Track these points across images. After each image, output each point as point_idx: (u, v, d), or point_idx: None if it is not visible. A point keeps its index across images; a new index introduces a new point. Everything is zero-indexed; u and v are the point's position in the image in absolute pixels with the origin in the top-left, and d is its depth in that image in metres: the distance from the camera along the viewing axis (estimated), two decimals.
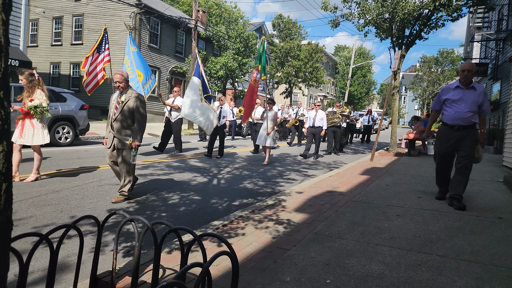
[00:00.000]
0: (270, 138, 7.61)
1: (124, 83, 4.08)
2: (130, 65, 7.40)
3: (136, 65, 7.39)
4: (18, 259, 1.50)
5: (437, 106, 4.20)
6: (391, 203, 4.10)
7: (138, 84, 7.26)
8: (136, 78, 7.30)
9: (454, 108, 3.93)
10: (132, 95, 4.09)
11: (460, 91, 3.93)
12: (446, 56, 38.71)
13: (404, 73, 50.88)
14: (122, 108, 4.06)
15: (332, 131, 10.30)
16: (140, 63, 7.48)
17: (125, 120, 4.09)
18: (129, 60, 7.45)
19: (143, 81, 7.37)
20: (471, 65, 3.93)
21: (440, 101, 4.13)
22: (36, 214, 3.54)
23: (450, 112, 3.96)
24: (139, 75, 7.37)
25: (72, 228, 1.81)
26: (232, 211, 3.89)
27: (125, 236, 3.09)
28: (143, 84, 7.33)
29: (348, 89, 33.69)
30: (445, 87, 4.13)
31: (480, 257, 2.55)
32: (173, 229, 1.80)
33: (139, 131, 4.10)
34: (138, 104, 4.07)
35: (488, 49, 15.02)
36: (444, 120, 4.06)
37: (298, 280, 2.15)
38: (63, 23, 20.56)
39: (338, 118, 10.19)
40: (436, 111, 4.26)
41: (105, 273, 2.06)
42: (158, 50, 20.41)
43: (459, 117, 3.88)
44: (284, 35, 29.22)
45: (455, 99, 3.92)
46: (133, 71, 7.34)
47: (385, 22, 9.81)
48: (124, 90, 4.11)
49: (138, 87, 7.20)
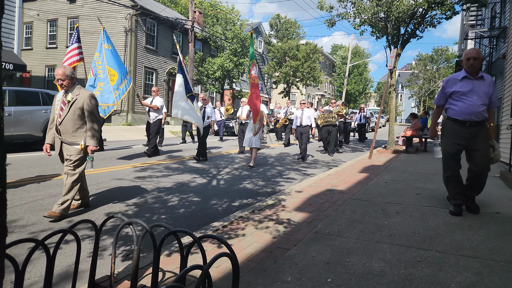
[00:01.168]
0: (257, 138, 7.28)
1: (67, 80, 3.58)
2: (101, 63, 6.85)
3: (107, 63, 6.81)
4: (13, 266, 1.48)
5: (441, 100, 3.65)
6: (390, 200, 4.10)
7: (108, 85, 6.73)
8: (106, 78, 6.75)
9: (465, 102, 3.39)
10: (81, 93, 3.64)
11: (469, 82, 3.41)
12: (441, 54, 38.94)
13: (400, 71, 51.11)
14: (69, 108, 3.60)
15: (327, 131, 9.93)
16: (114, 61, 6.90)
17: (73, 122, 3.62)
18: (100, 57, 6.88)
19: (118, 81, 6.82)
20: (477, 51, 3.39)
21: (444, 95, 3.58)
22: (32, 219, 3.51)
23: (461, 106, 3.41)
24: (113, 74, 6.80)
25: (69, 233, 1.79)
26: (232, 212, 3.88)
27: (123, 239, 3.07)
28: (117, 85, 6.80)
29: (346, 88, 33.77)
30: (449, 77, 3.57)
31: (479, 252, 2.56)
32: (172, 232, 1.78)
33: (93, 133, 3.65)
34: (89, 103, 3.62)
35: (482, 46, 15.10)
36: (452, 116, 3.51)
37: (299, 280, 2.14)
38: (58, 26, 20.45)
39: (333, 117, 9.84)
40: (441, 106, 3.71)
41: (103, 278, 2.04)
42: (155, 52, 20.36)
43: (472, 111, 3.36)
44: (282, 35, 29.24)
45: (465, 91, 3.39)
46: (103, 70, 6.80)
47: (381, 21, 9.84)
48: (69, 88, 3.63)
49: (109, 92, 6.71)
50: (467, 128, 3.42)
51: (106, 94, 6.71)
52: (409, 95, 48.09)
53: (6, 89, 7.91)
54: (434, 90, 39.71)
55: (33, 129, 8.22)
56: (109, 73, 6.79)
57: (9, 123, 7.61)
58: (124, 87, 6.92)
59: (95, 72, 6.91)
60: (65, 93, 3.65)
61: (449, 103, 3.56)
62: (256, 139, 7.25)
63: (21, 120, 7.95)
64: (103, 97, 6.69)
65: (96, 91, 6.66)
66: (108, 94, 6.72)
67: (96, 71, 6.89)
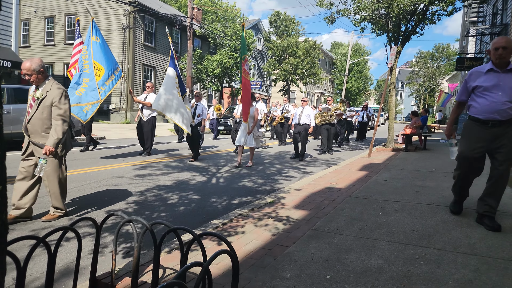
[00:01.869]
0: (251, 137, 6.93)
1: (34, 75, 3.27)
2: (87, 57, 6.38)
3: (94, 57, 6.33)
4: (15, 263, 1.49)
5: (463, 95, 3.23)
6: (389, 198, 4.12)
7: (93, 81, 6.25)
8: (92, 74, 6.28)
9: (488, 98, 2.98)
10: (52, 89, 3.33)
11: (494, 76, 2.96)
12: (442, 51, 38.89)
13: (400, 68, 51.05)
14: (38, 105, 3.30)
15: (326, 129, 9.69)
16: (102, 55, 6.42)
17: (41, 122, 3.31)
18: (87, 51, 6.41)
19: (104, 76, 6.32)
20: (507, 40, 2.92)
21: (467, 90, 3.17)
22: (33, 216, 3.52)
23: (483, 103, 3.01)
24: (99, 69, 6.32)
25: (70, 231, 1.80)
26: (231, 210, 3.89)
27: (124, 237, 3.09)
28: (103, 80, 6.31)
29: (345, 86, 33.76)
30: (473, 70, 3.14)
31: (477, 249, 2.58)
32: (172, 229, 1.80)
33: (55, 133, 3.27)
34: (58, 99, 3.31)
35: (483, 44, 15.10)
36: (473, 114, 3.12)
37: (298, 277, 2.16)
38: (56, 23, 20.38)
39: (332, 116, 9.57)
40: (462, 102, 3.28)
41: (104, 275, 2.05)
42: (153, 49, 20.31)
43: (495, 109, 2.95)
44: (281, 32, 29.18)
45: (489, 85, 2.97)
46: (89, 64, 6.33)
47: (381, 18, 9.83)
48: (39, 83, 3.34)
49: (94, 89, 6.24)
50: (490, 128, 3.00)
51: (90, 91, 6.26)
52: (409, 93, 48.08)
53: (5, 86, 7.90)
54: (434, 88, 39.71)
55: None
56: (95, 68, 6.34)
57: (8, 121, 7.61)
58: (111, 83, 6.43)
59: (81, 67, 6.44)
60: (35, 89, 3.37)
61: (471, 99, 3.14)
62: (250, 138, 6.95)
63: (20, 118, 7.95)
64: (88, 95, 6.25)
65: (81, 89, 6.26)
66: (93, 91, 6.27)
67: (82, 66, 6.43)
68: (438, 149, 10.13)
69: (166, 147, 9.89)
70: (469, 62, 14.99)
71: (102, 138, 11.50)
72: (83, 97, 6.19)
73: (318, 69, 27.42)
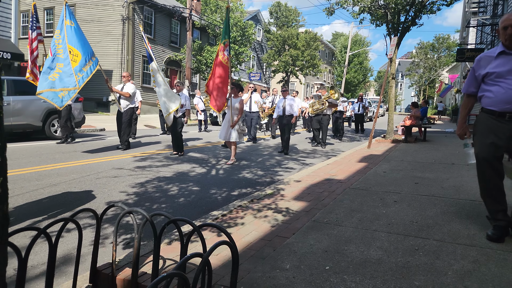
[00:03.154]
0: (234, 131, 6.27)
1: None
2: (61, 41, 5.96)
3: (69, 41, 5.92)
4: (16, 254, 1.50)
5: (471, 86, 2.71)
6: (388, 190, 4.13)
7: (69, 66, 5.83)
8: (67, 59, 5.86)
9: (503, 85, 2.51)
10: None
11: (507, 59, 2.51)
12: (442, 42, 38.61)
13: (400, 59, 50.72)
14: None
15: (317, 121, 8.99)
16: (77, 39, 5.99)
17: None
18: (60, 35, 6.00)
19: (82, 62, 5.91)
20: None
21: (475, 79, 2.68)
22: (34, 208, 3.53)
23: (498, 92, 2.53)
24: (75, 55, 5.91)
25: (71, 222, 1.81)
26: (231, 201, 3.91)
27: (124, 228, 3.10)
28: (80, 66, 5.88)
29: (345, 77, 33.59)
30: (482, 55, 2.66)
31: (476, 240, 2.59)
32: (172, 220, 1.80)
33: None
34: None
35: (484, 34, 14.97)
36: (486, 106, 2.61)
37: (297, 267, 2.18)
38: (55, 14, 20.16)
39: (323, 104, 8.79)
40: (472, 95, 2.75)
41: (105, 265, 2.06)
42: (153, 41, 20.12)
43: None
44: (281, 23, 28.90)
45: (503, 71, 2.50)
46: (64, 49, 5.92)
47: (380, 8, 9.72)
48: None
49: (70, 75, 5.82)
50: (507, 122, 2.50)
51: (66, 76, 5.84)
52: (409, 84, 47.89)
53: (5, 78, 7.86)
54: (435, 79, 39.52)
55: (32, 118, 8.20)
56: (71, 53, 5.91)
57: (8, 112, 7.59)
58: (89, 69, 5.99)
59: (54, 52, 6.01)
60: None
61: (482, 89, 2.65)
62: (233, 131, 6.26)
63: (20, 110, 7.93)
64: (63, 81, 5.84)
65: (55, 74, 5.87)
66: (69, 76, 5.83)
67: (56, 50, 6.00)
68: (438, 141, 10.13)
69: (166, 138, 9.87)
70: (469, 53, 14.88)
71: (102, 130, 11.49)
72: (57, 82, 5.82)
73: (318, 60, 27.25)
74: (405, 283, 1.98)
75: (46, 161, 5.92)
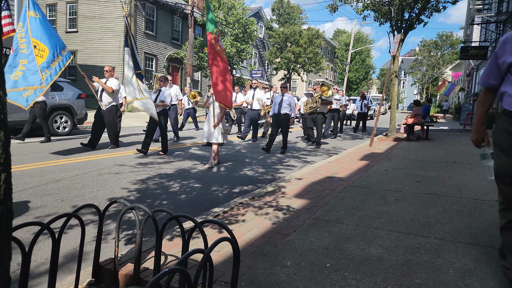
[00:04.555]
0: (217, 131, 5.74)
1: None
2: (24, 35, 5.36)
3: (33, 34, 5.31)
4: (20, 248, 1.51)
5: (491, 77, 1.99)
6: (390, 188, 4.13)
7: (33, 63, 5.25)
8: (31, 55, 5.26)
9: None
10: None
11: None
12: (446, 39, 38.37)
13: (403, 57, 50.48)
14: None
15: (311, 119, 8.56)
16: (43, 32, 5.38)
17: None
18: (23, 28, 5.38)
19: (49, 57, 5.36)
20: None
21: (498, 68, 1.94)
22: (37, 203, 3.56)
23: None
24: (42, 49, 5.34)
25: (73, 217, 1.82)
26: (232, 198, 3.92)
27: (126, 224, 3.12)
28: (48, 62, 5.34)
29: (347, 75, 33.49)
30: (509, 35, 1.87)
31: (478, 239, 2.59)
32: (174, 216, 1.81)
33: None
34: None
35: (488, 32, 14.86)
36: (509, 107, 1.89)
37: (298, 265, 2.19)
38: (57, 11, 20.15)
39: (317, 101, 8.34)
40: (491, 88, 2.02)
41: (107, 260, 2.08)
42: (155, 37, 20.12)
43: None
44: (284, 20, 28.79)
45: None
46: (27, 44, 5.33)
47: (384, 5, 9.66)
48: None
49: (35, 72, 5.25)
50: None
51: (30, 74, 5.26)
52: (412, 82, 47.69)
53: None
54: (438, 77, 39.33)
55: None
56: (36, 47, 5.32)
57: (11, 109, 7.61)
58: (58, 65, 5.43)
59: (16, 47, 5.39)
60: None
61: (507, 83, 1.91)
62: (216, 132, 5.73)
63: None
64: (27, 79, 5.25)
65: (18, 72, 5.29)
66: (33, 74, 5.24)
67: (18, 46, 5.40)
68: (440, 139, 10.10)
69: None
70: (473, 50, 14.79)
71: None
72: (20, 81, 5.25)
73: (321, 58, 27.16)
74: (405, 281, 1.99)
75: (49, 157, 5.95)
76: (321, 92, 8.38)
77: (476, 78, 17.75)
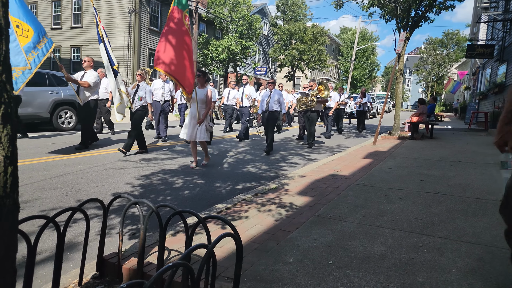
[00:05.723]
0: (202, 129, 5.27)
1: None
2: None
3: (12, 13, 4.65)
4: (26, 241, 1.53)
5: None
6: (393, 186, 4.11)
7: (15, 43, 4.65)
8: (13, 34, 4.62)
9: None
10: None
11: None
12: (452, 37, 38.01)
13: (408, 55, 50.06)
14: None
15: (307, 117, 8.20)
16: (26, 12, 4.84)
17: None
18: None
19: (35, 38, 4.85)
20: None
21: None
22: (42, 197, 3.59)
23: None
24: (26, 29, 4.79)
25: (78, 211, 1.84)
26: (235, 195, 3.93)
27: (130, 219, 3.14)
28: (34, 43, 4.84)
29: (352, 72, 33.31)
30: None
31: (482, 238, 2.58)
32: (178, 212, 1.82)
33: None
34: None
35: (495, 30, 14.69)
36: None
37: (301, 261, 2.19)
38: (62, 6, 20.21)
39: (312, 100, 8.02)
40: None
41: (111, 254, 2.10)
42: (159, 33, 20.10)
43: None
44: (288, 17, 28.66)
45: None
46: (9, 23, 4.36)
47: (390, 2, 9.58)
48: None
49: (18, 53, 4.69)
50: None
51: (13, 55, 4.55)
52: (417, 80, 47.35)
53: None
54: (443, 76, 39.01)
55: (40, 109, 8.29)
56: (19, 27, 4.74)
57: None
58: (44, 47, 5.00)
59: None
60: None
61: None
62: (201, 130, 5.28)
63: (29, 101, 8.00)
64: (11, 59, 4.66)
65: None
66: (16, 54, 4.69)
67: None
68: (445, 138, 10.03)
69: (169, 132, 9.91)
70: (480, 49, 14.63)
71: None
72: None
73: (325, 55, 27.03)
74: (408, 279, 1.98)
75: (53, 151, 5.99)
76: (318, 91, 8.11)
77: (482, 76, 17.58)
